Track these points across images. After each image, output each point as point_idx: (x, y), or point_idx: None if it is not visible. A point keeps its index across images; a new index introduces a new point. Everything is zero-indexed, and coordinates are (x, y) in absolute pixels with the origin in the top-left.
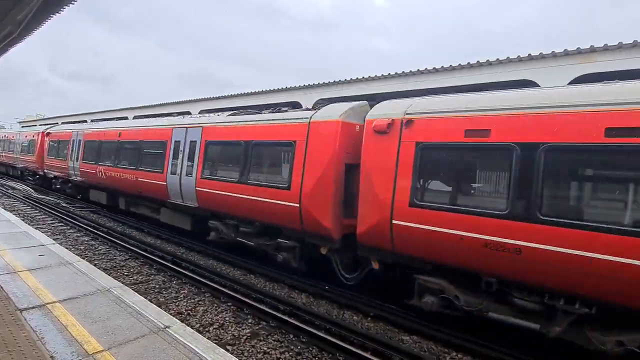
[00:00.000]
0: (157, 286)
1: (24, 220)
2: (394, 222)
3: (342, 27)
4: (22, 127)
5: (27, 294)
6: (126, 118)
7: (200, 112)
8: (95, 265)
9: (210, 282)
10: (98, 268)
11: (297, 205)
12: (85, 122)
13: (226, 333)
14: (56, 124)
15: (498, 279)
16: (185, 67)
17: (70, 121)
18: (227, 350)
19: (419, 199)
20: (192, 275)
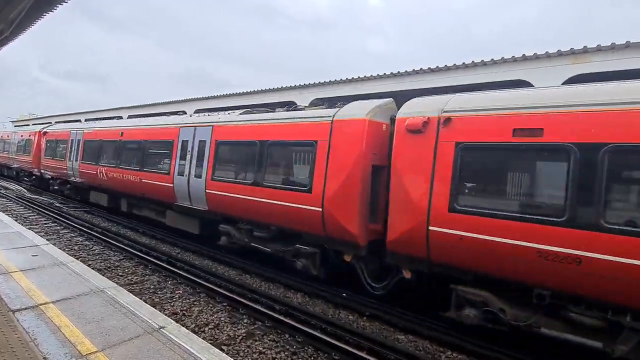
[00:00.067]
0: (152, 286)
1: (16, 221)
2: (430, 228)
3: (339, 26)
4: (16, 127)
5: (20, 295)
6: (121, 117)
7: (196, 111)
8: (89, 265)
9: (205, 282)
10: (92, 268)
11: (319, 209)
12: (79, 121)
13: (222, 333)
14: (50, 123)
15: (552, 292)
16: (183, 66)
17: (64, 120)
18: (223, 350)
19: (461, 204)
20: (187, 275)
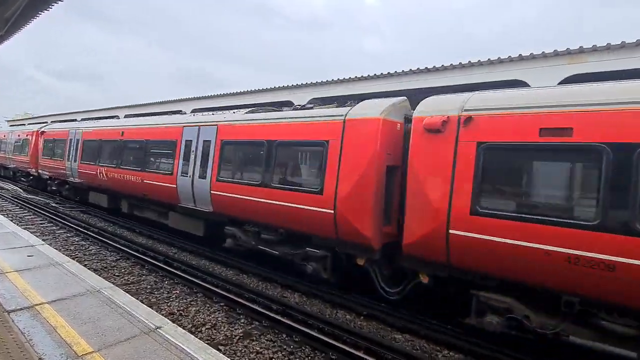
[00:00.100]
0: (148, 287)
1: (12, 221)
2: (450, 232)
3: (336, 26)
4: (11, 126)
5: (15, 295)
6: (117, 117)
7: (192, 111)
8: (85, 265)
9: (202, 282)
10: (88, 269)
11: (331, 211)
12: (75, 121)
13: (219, 333)
14: (46, 122)
15: (582, 299)
16: (182, 66)
17: (60, 120)
18: (220, 350)
19: (484, 206)
20: (184, 275)
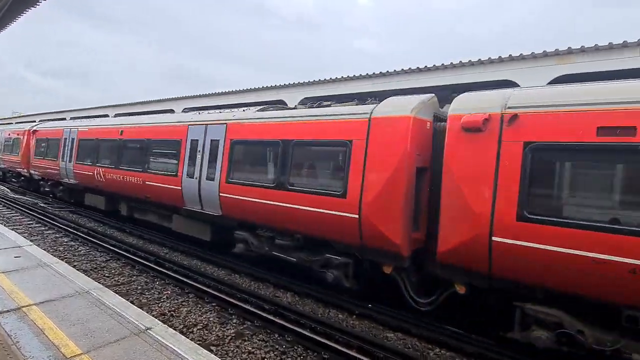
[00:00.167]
0: (139, 287)
1: None
2: (494, 239)
3: (328, 27)
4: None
5: (2, 297)
6: (107, 116)
7: (184, 110)
8: (74, 266)
9: (194, 283)
10: (78, 269)
11: (356, 216)
12: (64, 119)
13: (210, 334)
14: (34, 121)
15: None
16: (180, 66)
17: (49, 119)
18: (212, 351)
19: (533, 211)
20: (175, 275)
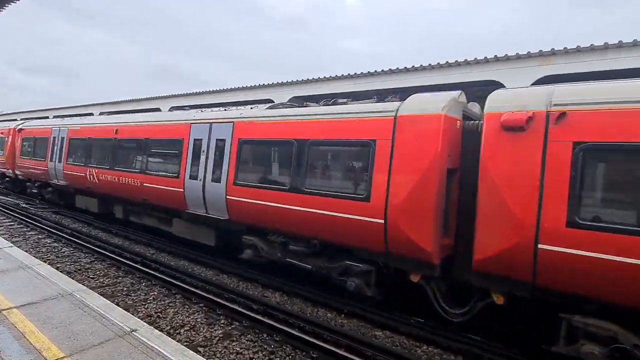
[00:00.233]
0: (124, 289)
1: None
2: (540, 246)
3: (320, 27)
4: None
5: None
6: (91, 114)
7: (171, 109)
8: (57, 268)
9: (181, 283)
10: (61, 271)
11: (381, 221)
12: (47, 118)
13: (198, 335)
14: (15, 120)
15: None
16: (180, 66)
17: (31, 117)
18: (199, 352)
19: (586, 217)
20: (162, 276)
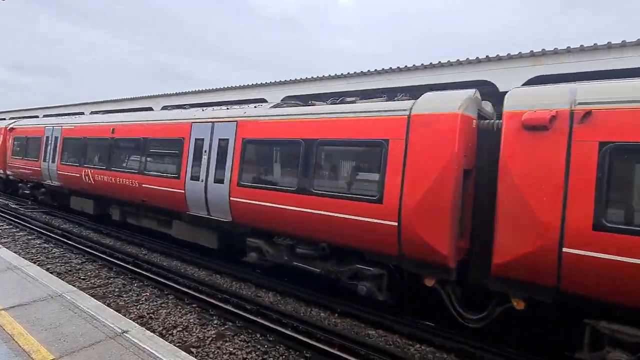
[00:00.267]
0: (116, 290)
1: None
2: (564, 250)
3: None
4: None
5: None
6: (82, 113)
7: (163, 108)
8: (48, 269)
9: (173, 284)
10: (51, 272)
11: (394, 223)
12: (37, 117)
13: (190, 335)
14: (4, 119)
15: None
16: (180, 66)
17: (20, 117)
18: (192, 352)
19: (614, 220)
20: (154, 277)
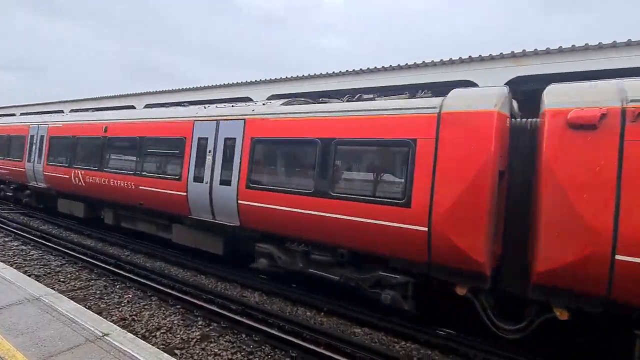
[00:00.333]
0: (97, 292)
1: None
2: (617, 258)
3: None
4: None
5: None
6: (62, 111)
7: (146, 106)
8: (25, 272)
9: (157, 285)
10: (29, 275)
11: (424, 228)
12: (13, 115)
13: (174, 337)
14: None
15: None
16: (164, 65)
17: None
18: (175, 355)
19: None
20: (137, 278)
